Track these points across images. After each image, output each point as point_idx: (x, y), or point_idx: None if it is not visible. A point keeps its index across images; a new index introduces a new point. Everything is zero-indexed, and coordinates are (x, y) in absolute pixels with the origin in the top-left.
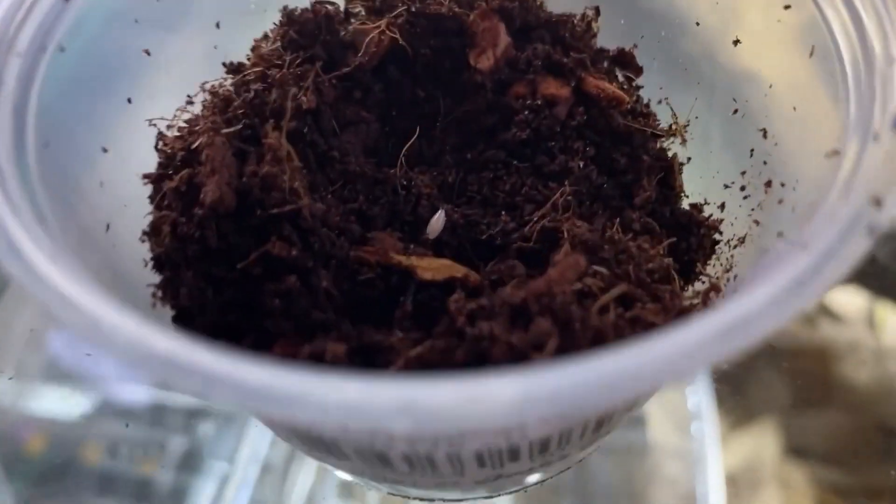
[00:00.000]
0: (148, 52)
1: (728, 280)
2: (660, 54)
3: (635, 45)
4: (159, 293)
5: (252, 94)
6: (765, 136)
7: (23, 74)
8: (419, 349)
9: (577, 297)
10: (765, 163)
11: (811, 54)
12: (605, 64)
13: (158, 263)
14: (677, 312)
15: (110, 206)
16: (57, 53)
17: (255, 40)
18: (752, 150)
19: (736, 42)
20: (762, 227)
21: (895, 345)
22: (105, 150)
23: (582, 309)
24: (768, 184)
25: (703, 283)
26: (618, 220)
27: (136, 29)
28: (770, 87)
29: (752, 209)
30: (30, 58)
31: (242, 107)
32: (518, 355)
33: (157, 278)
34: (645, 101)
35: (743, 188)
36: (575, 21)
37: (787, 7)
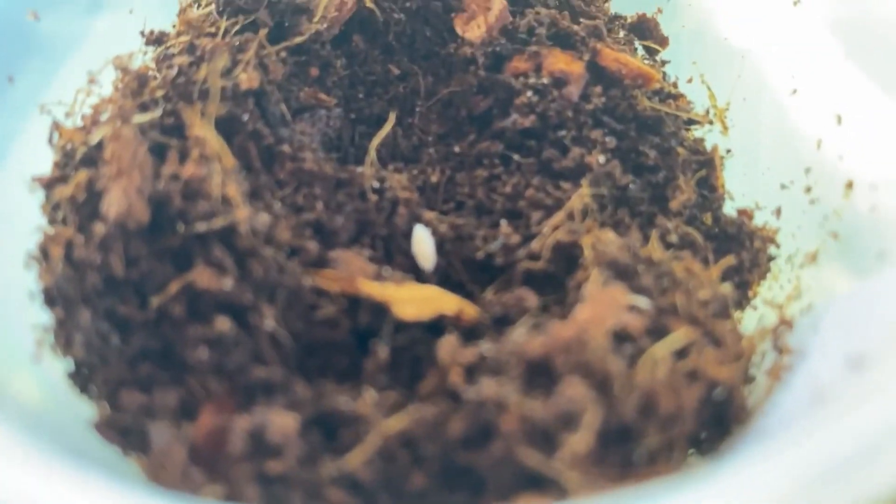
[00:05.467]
0: (36, 16)
1: (799, 312)
2: (690, 20)
3: (659, 10)
4: (50, 339)
5: (175, 70)
6: (839, 121)
7: None
8: (399, 420)
9: (615, 344)
10: (840, 157)
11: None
12: (622, 34)
13: (48, 298)
14: (745, 363)
15: None
16: None
17: (182, 2)
18: (820, 141)
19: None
20: (842, 241)
21: None
22: None
23: (624, 362)
24: (849, 184)
25: (757, 310)
26: (652, 231)
27: None
28: (844, 55)
29: (826, 216)
30: None
31: (163, 86)
32: (539, 434)
33: (45, 316)
34: (672, 79)
35: (808, 189)
36: None
37: None
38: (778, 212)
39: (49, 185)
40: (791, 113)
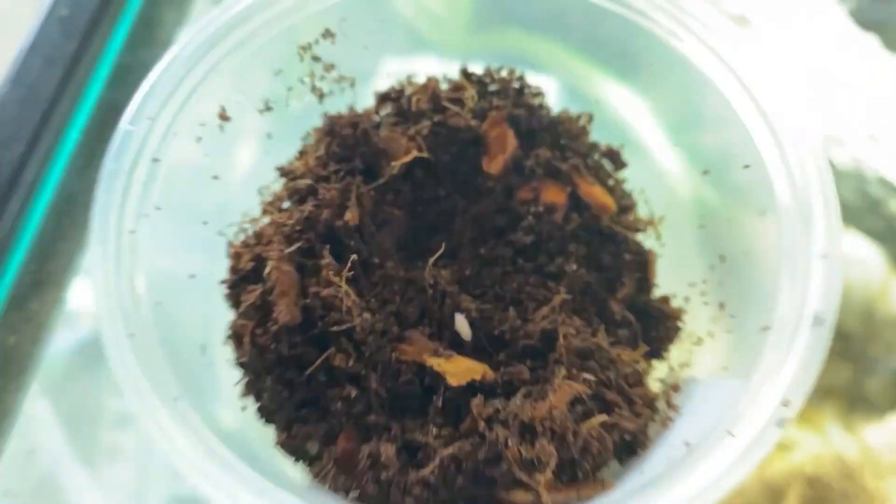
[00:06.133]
0: (217, 178)
1: (682, 383)
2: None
3: (622, 146)
4: (243, 393)
5: (306, 213)
6: (722, 260)
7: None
8: (451, 449)
9: (570, 409)
10: (720, 283)
11: (762, 214)
12: (597, 157)
13: (244, 367)
14: (647, 416)
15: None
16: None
17: (303, 146)
18: (713, 267)
19: (705, 172)
20: (716, 340)
21: (858, 254)
22: (192, 276)
23: (575, 424)
24: (721, 306)
25: (667, 363)
26: (602, 322)
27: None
28: (730, 221)
29: (708, 319)
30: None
31: (299, 224)
32: (527, 463)
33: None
34: (630, 190)
35: (703, 294)
36: (572, 121)
37: (746, 167)
38: (686, 300)
39: (231, 286)
40: (701, 239)
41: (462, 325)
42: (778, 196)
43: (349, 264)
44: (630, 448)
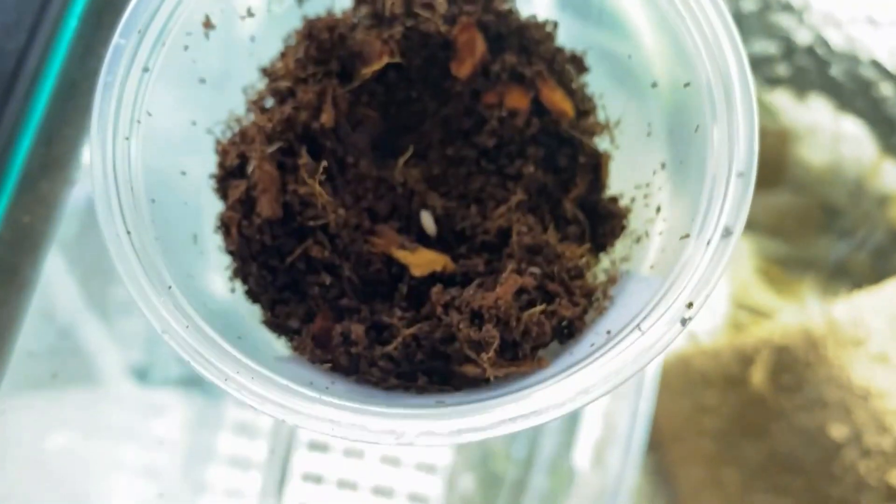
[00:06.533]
0: (203, 80)
1: (622, 272)
2: (604, 62)
3: (585, 52)
4: (232, 276)
5: (285, 115)
6: (662, 167)
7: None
8: (412, 329)
9: (515, 300)
10: (660, 188)
11: (696, 129)
12: (561, 62)
13: (233, 254)
14: (584, 305)
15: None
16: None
17: (285, 46)
18: (654, 171)
19: (653, 85)
20: (650, 240)
21: (850, 132)
22: (183, 173)
23: (518, 312)
24: (657, 209)
25: (610, 256)
26: (554, 220)
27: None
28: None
29: (646, 220)
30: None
31: (279, 125)
32: (474, 343)
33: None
34: (590, 95)
35: (646, 196)
36: (538, 27)
37: (686, 85)
38: (632, 200)
39: (220, 179)
40: (647, 145)
41: (427, 220)
42: (707, 115)
43: (321, 168)
44: (568, 332)
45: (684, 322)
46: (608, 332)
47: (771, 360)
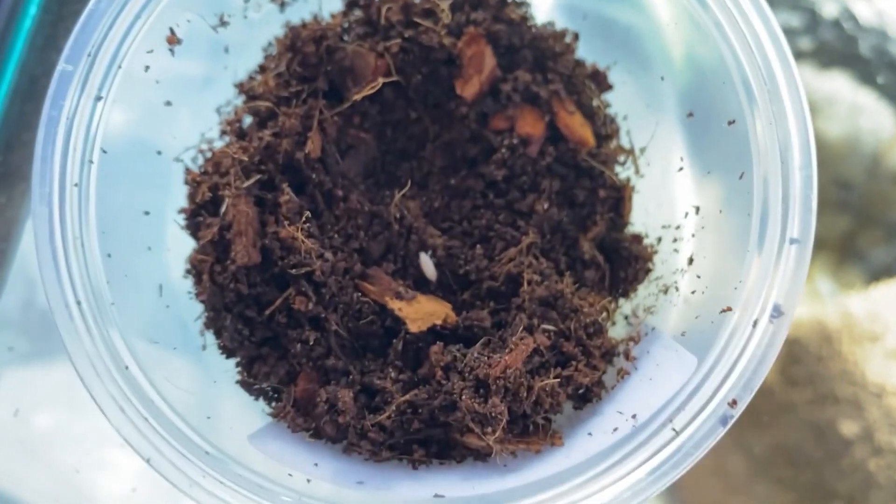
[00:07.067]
0: (169, 103)
1: (644, 332)
2: (630, 77)
3: (608, 67)
4: (204, 328)
5: (265, 143)
6: (697, 212)
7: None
8: (408, 396)
9: (526, 363)
10: (693, 236)
11: (740, 177)
12: (581, 78)
13: (204, 304)
14: (603, 368)
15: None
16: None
17: (264, 56)
18: (686, 214)
19: (689, 115)
20: (680, 296)
21: (869, 105)
22: (147, 213)
23: (529, 379)
24: (690, 260)
25: (633, 307)
26: (570, 262)
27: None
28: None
29: (675, 271)
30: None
31: (258, 154)
32: (479, 416)
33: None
34: (612, 116)
35: (676, 240)
36: (556, 38)
37: (730, 122)
38: (658, 240)
39: (188, 215)
40: (678, 182)
41: (427, 265)
42: (757, 157)
43: (305, 215)
44: (584, 398)
45: (725, 422)
46: (633, 417)
47: (782, 352)
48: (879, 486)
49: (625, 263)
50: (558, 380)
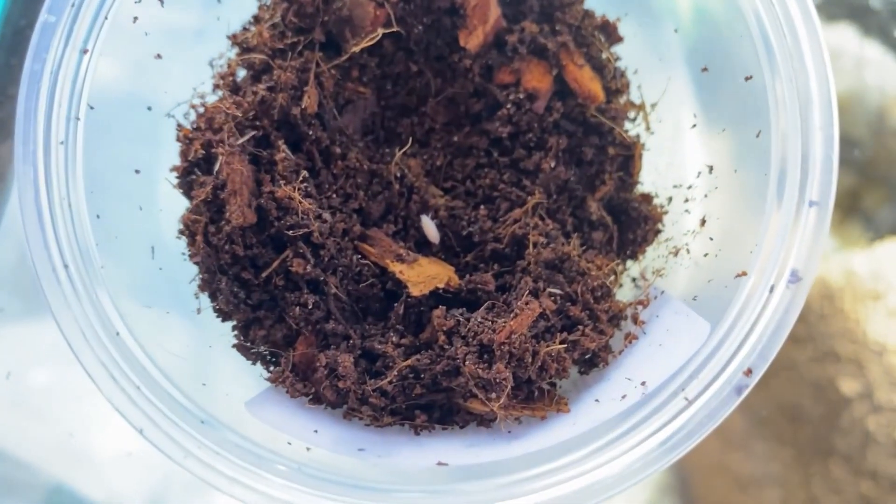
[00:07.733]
0: (160, 56)
1: (653, 295)
2: (641, 30)
3: (618, 19)
4: (199, 290)
5: (259, 97)
6: (710, 171)
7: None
8: (409, 360)
9: (531, 328)
10: (706, 196)
11: (757, 135)
12: (590, 29)
13: (198, 265)
14: (611, 332)
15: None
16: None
17: (259, 5)
18: (699, 173)
19: (704, 69)
20: (692, 259)
21: (877, 59)
22: (137, 172)
23: (534, 344)
24: (703, 222)
25: (642, 269)
26: (576, 223)
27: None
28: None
29: (686, 232)
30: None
31: (252, 109)
32: (482, 382)
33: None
34: (623, 69)
35: (687, 200)
36: None
37: (748, 78)
38: (668, 200)
39: (181, 174)
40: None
41: (429, 227)
42: (775, 114)
43: (303, 174)
44: (591, 363)
45: (740, 391)
46: (643, 385)
47: None
48: (878, 443)
49: (633, 224)
50: (564, 345)
